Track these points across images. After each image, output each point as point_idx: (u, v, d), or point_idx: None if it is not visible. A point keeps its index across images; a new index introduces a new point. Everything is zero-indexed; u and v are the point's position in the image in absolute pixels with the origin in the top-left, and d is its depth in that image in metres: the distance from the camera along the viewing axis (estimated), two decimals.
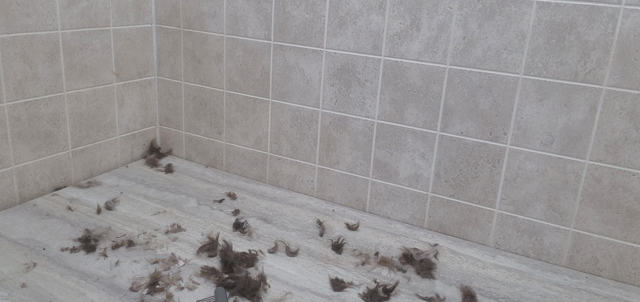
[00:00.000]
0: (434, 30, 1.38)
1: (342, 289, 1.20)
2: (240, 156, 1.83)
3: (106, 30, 1.69)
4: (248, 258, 1.27)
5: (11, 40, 1.42)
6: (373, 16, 1.45)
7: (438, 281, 1.25)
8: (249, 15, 1.66)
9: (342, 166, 1.63)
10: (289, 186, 1.75)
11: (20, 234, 1.34)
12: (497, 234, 1.44)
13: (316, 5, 1.53)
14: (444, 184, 1.48)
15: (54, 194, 1.59)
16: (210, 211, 1.55)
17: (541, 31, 1.26)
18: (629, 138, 1.24)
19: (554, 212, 1.36)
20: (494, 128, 1.38)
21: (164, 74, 1.91)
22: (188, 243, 1.35)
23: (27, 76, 1.48)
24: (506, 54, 1.31)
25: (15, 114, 1.47)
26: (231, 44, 1.72)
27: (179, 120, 1.94)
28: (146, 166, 1.88)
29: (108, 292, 1.13)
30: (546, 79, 1.29)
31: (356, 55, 1.51)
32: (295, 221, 1.52)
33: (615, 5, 1.18)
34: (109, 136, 1.79)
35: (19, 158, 1.51)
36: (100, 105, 1.73)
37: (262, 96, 1.72)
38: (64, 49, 1.57)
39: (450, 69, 1.39)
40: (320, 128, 1.64)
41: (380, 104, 1.51)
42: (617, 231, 1.30)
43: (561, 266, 1.37)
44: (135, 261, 1.25)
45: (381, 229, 1.51)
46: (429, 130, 1.46)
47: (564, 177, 1.32)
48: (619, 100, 1.23)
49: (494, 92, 1.35)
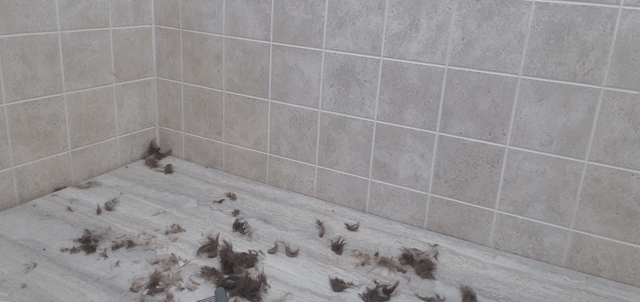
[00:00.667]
0: (433, 30, 1.39)
1: (342, 289, 1.20)
2: (239, 157, 1.83)
3: (105, 30, 1.69)
4: (248, 258, 1.27)
5: (10, 40, 1.42)
6: (372, 17, 1.46)
7: (438, 282, 1.26)
8: (248, 16, 1.66)
9: (341, 166, 1.63)
10: (289, 187, 1.75)
11: (20, 234, 1.34)
12: (496, 234, 1.44)
13: (315, 5, 1.53)
14: (444, 185, 1.48)
15: (53, 195, 1.59)
16: (210, 211, 1.55)
17: (540, 32, 1.27)
18: (627, 138, 1.24)
19: (553, 212, 1.36)
20: (493, 128, 1.38)
21: (164, 74, 1.92)
22: (188, 244, 1.35)
23: (26, 77, 1.48)
24: (505, 55, 1.32)
25: (15, 114, 1.47)
26: (230, 45, 1.72)
27: (178, 121, 1.94)
28: (146, 166, 1.88)
29: (108, 292, 1.13)
30: (545, 79, 1.29)
31: (355, 56, 1.51)
32: (295, 222, 1.52)
33: (613, 6, 1.18)
34: (108, 137, 1.79)
35: (19, 159, 1.51)
36: (100, 105, 1.73)
37: (261, 97, 1.72)
38: (63, 50, 1.57)
39: (449, 70, 1.39)
40: (319, 128, 1.64)
41: (380, 105, 1.51)
42: (616, 231, 1.30)
43: (561, 267, 1.38)
44: (135, 261, 1.25)
45: (381, 229, 1.51)
46: (428, 130, 1.46)
47: (563, 178, 1.33)
48: (617, 100, 1.23)
49: (493, 93, 1.35)
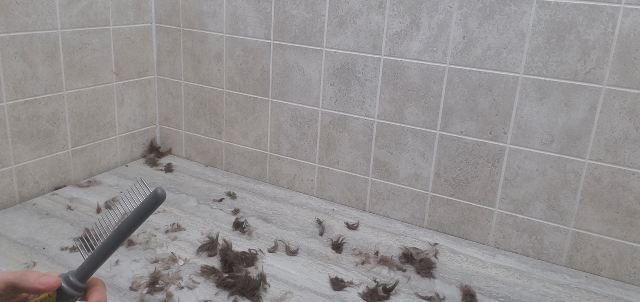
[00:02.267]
0: (433, 29, 1.38)
1: (342, 288, 1.20)
2: (240, 155, 1.83)
3: (106, 29, 1.69)
4: (248, 257, 1.27)
5: (11, 39, 1.42)
6: (373, 15, 1.45)
7: (438, 280, 1.25)
8: (248, 15, 1.66)
9: (342, 165, 1.63)
10: (289, 185, 1.75)
11: (20, 233, 1.34)
12: (496, 233, 1.44)
13: (316, 4, 1.53)
14: (444, 184, 1.48)
15: (53, 194, 1.59)
16: (210, 210, 1.55)
17: (541, 30, 1.26)
18: (628, 137, 1.24)
19: (553, 211, 1.36)
20: (494, 127, 1.38)
21: (164, 73, 1.91)
22: (188, 242, 1.35)
23: (26, 75, 1.48)
24: (506, 53, 1.31)
25: (15, 113, 1.47)
26: (231, 44, 1.72)
27: (178, 120, 1.94)
28: (146, 165, 1.88)
29: (108, 291, 1.12)
30: (546, 78, 1.29)
31: (356, 55, 1.51)
32: (295, 220, 1.52)
33: (615, 5, 1.18)
34: (108, 135, 1.79)
35: (19, 157, 1.51)
36: (100, 104, 1.73)
37: (261, 95, 1.71)
38: (63, 48, 1.57)
39: (450, 69, 1.39)
40: (320, 127, 1.64)
41: (380, 104, 1.51)
42: (616, 230, 1.30)
43: (561, 265, 1.37)
44: (135, 260, 1.25)
45: (381, 228, 1.51)
46: (429, 129, 1.46)
47: (564, 177, 1.32)
48: (618, 99, 1.23)
49: (493, 92, 1.35)
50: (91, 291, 0.50)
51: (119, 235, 0.49)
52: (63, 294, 0.48)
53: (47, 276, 0.48)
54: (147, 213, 0.48)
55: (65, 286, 0.48)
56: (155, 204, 0.48)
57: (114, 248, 0.49)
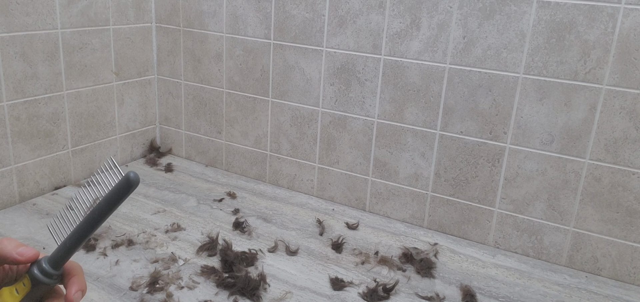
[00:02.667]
0: (434, 29, 1.38)
1: (342, 288, 1.20)
2: (240, 155, 1.83)
3: (106, 29, 1.69)
4: (248, 257, 1.27)
5: (11, 39, 1.42)
6: (373, 15, 1.45)
7: (438, 280, 1.25)
8: (248, 15, 1.66)
9: (342, 165, 1.63)
10: (289, 185, 1.75)
11: (20, 233, 1.34)
12: (496, 233, 1.44)
13: (316, 4, 1.53)
14: (444, 184, 1.48)
15: (53, 194, 1.59)
16: (210, 210, 1.55)
17: (541, 30, 1.26)
18: (628, 137, 1.24)
19: (553, 211, 1.36)
20: (494, 127, 1.38)
21: (164, 73, 1.91)
22: (188, 242, 1.35)
23: (26, 75, 1.48)
24: (506, 53, 1.31)
25: (15, 113, 1.47)
26: (231, 43, 1.72)
27: (178, 120, 1.94)
28: (146, 165, 1.88)
29: (108, 291, 1.13)
30: (546, 78, 1.29)
31: (356, 55, 1.51)
32: (295, 220, 1.52)
33: (615, 5, 1.18)
34: (108, 135, 1.79)
35: (19, 157, 1.51)
36: (100, 104, 1.73)
37: (262, 95, 1.71)
38: (63, 48, 1.57)
39: (450, 68, 1.39)
40: (320, 127, 1.64)
41: (380, 104, 1.51)
42: (616, 230, 1.30)
43: (561, 265, 1.37)
44: (135, 260, 1.25)
45: (381, 228, 1.51)
46: (429, 129, 1.46)
47: (564, 177, 1.32)
48: (618, 99, 1.23)
49: (493, 92, 1.35)
50: (69, 278, 0.47)
51: (92, 222, 0.47)
52: (36, 281, 0.46)
53: (25, 247, 0.45)
54: (120, 199, 0.47)
55: (38, 273, 0.46)
56: (128, 190, 0.47)
57: (87, 235, 0.48)
